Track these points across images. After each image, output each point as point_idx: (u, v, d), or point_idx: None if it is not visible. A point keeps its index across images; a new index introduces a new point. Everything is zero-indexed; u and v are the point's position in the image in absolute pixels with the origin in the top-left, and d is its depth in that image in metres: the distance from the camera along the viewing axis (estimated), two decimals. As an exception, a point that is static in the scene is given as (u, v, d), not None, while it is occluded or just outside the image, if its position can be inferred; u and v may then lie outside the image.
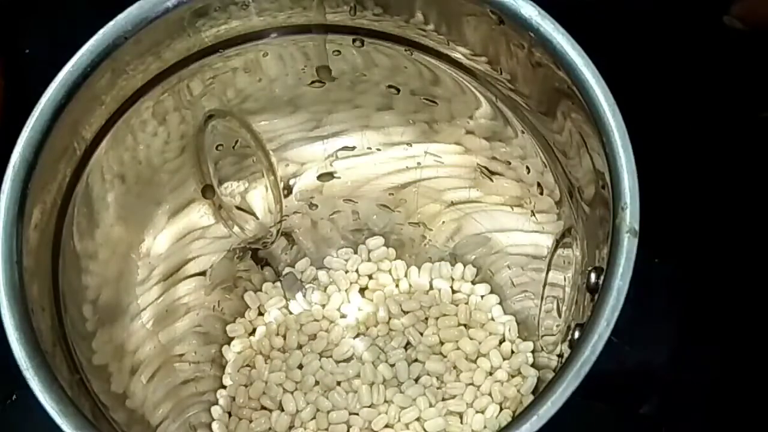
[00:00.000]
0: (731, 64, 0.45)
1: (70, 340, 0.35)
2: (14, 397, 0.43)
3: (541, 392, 0.30)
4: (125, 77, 0.36)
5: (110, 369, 0.38)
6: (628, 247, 0.31)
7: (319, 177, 0.47)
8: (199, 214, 0.44)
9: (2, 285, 0.32)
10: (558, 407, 0.30)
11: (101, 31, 0.34)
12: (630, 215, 0.31)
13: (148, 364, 0.42)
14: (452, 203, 0.47)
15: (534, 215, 0.43)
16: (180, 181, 0.42)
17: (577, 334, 0.34)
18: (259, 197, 0.46)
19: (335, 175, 0.47)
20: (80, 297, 0.37)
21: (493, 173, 0.44)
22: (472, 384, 0.44)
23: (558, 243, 0.42)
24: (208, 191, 0.44)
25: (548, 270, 0.43)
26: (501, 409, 0.44)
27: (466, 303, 0.47)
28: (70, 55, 0.34)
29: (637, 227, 0.31)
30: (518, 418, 0.30)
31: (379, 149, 0.46)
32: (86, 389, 0.34)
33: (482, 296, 0.47)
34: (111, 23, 0.34)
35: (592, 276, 0.34)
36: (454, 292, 0.48)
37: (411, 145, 0.45)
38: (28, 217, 0.33)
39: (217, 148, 0.43)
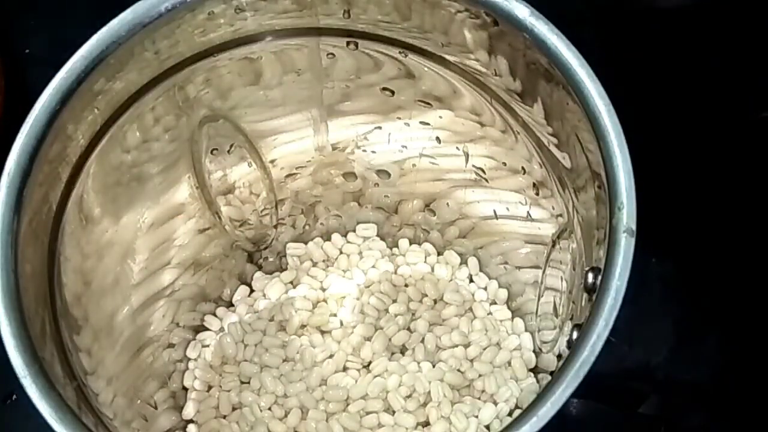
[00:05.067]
0: (730, 64, 0.45)
1: (67, 347, 0.34)
2: (14, 397, 0.43)
3: (540, 393, 0.30)
4: (119, 82, 0.36)
5: (108, 375, 0.38)
6: (626, 247, 0.31)
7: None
8: (195, 219, 0.44)
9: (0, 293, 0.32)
10: (558, 408, 0.30)
11: (95, 37, 0.34)
12: (627, 215, 0.31)
13: (145, 369, 0.42)
14: (448, 205, 0.47)
15: (530, 216, 0.43)
16: (175, 185, 0.42)
17: (575, 335, 0.34)
18: (255, 201, 0.46)
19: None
20: (76, 304, 0.37)
21: (488, 174, 0.44)
22: (469, 385, 0.44)
23: (554, 243, 0.42)
24: (203, 195, 0.44)
25: (545, 270, 0.43)
26: (500, 409, 0.43)
27: (463, 303, 0.47)
28: (69, 55, 0.33)
29: (634, 227, 0.31)
30: (518, 419, 0.30)
31: (374, 151, 0.46)
32: (84, 396, 0.34)
33: (480, 298, 0.47)
34: (105, 28, 0.34)
35: (590, 276, 0.33)
36: (452, 292, 0.48)
37: (406, 147, 0.45)
38: (24, 224, 0.33)
39: (212, 152, 0.43)
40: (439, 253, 0.49)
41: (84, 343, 0.36)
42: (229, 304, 0.48)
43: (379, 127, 0.44)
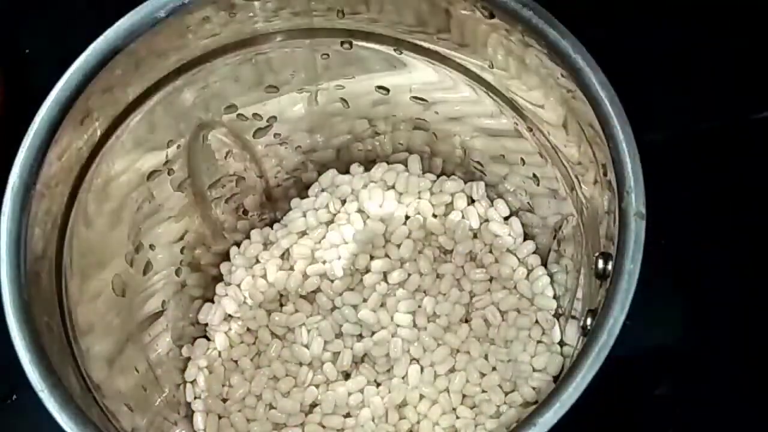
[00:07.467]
0: (731, 63, 0.45)
1: (80, 359, 0.34)
2: (14, 397, 0.43)
3: (561, 379, 0.30)
4: (117, 91, 0.35)
5: (119, 389, 0.38)
6: (636, 230, 0.31)
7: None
8: (195, 224, 0.44)
9: (11, 307, 0.31)
10: (579, 394, 0.30)
11: (91, 47, 0.34)
12: (635, 198, 0.32)
13: (156, 382, 0.41)
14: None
15: (531, 206, 0.43)
16: (174, 191, 0.42)
17: (589, 320, 0.34)
18: (252, 205, 0.46)
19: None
20: (84, 315, 0.37)
21: (487, 168, 0.44)
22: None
23: (557, 232, 0.42)
24: (201, 200, 0.43)
25: (546, 263, 0.43)
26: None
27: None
28: (70, 56, 0.33)
29: (643, 210, 0.31)
30: (541, 406, 0.30)
31: (369, 149, 0.46)
32: (99, 407, 0.34)
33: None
34: (101, 38, 0.34)
35: (599, 262, 0.34)
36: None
37: (402, 144, 0.45)
38: (30, 238, 0.33)
39: (210, 157, 0.42)
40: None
41: (96, 354, 0.36)
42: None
43: (375, 126, 0.45)
